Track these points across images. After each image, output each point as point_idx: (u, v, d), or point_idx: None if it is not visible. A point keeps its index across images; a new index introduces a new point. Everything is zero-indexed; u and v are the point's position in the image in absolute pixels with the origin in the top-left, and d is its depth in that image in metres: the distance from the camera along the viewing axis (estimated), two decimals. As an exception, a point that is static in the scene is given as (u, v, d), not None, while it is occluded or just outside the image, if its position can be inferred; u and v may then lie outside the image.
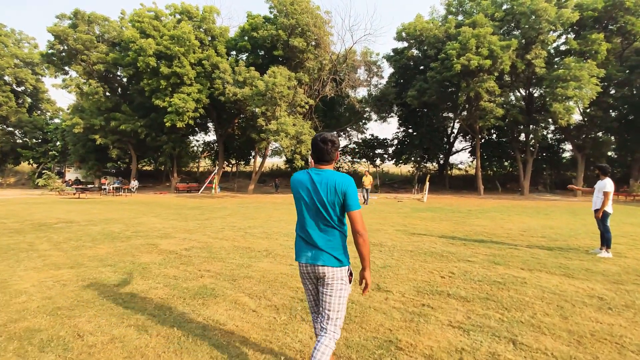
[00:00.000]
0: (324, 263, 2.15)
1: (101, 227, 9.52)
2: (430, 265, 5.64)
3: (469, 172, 37.39)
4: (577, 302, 4.01)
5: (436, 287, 4.52)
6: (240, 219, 11.52)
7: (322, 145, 2.23)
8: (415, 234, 8.62)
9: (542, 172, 31.68)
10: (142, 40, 19.74)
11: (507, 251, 6.70)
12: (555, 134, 30.95)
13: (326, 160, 2.26)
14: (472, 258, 6.13)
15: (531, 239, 8.04)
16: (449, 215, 12.78)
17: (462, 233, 8.87)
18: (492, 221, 11.20)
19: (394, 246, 7.13)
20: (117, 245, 7.16)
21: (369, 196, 16.93)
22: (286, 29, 21.27)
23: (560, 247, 7.19)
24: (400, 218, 12.00)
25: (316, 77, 23.72)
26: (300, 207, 2.27)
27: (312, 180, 2.20)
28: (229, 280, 4.78)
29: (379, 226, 10.01)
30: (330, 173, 2.20)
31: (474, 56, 20.02)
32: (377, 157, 36.67)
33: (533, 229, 9.65)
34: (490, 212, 14.02)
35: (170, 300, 4.01)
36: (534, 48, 21.18)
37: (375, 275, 5.04)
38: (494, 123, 23.43)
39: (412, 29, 24.99)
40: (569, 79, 19.36)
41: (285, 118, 19.04)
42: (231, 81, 20.47)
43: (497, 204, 18.37)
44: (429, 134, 31.40)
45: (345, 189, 2.14)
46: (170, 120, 20.75)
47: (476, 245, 7.25)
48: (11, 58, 30.31)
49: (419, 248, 6.97)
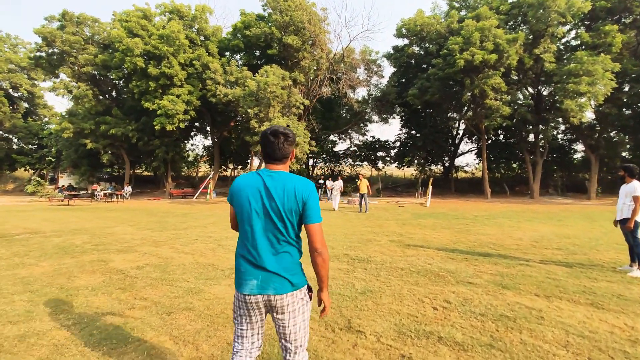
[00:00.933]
0: (276, 291, 1.80)
1: (63, 239, 8.61)
2: (422, 289, 4.58)
3: (475, 175, 36.07)
4: (617, 352, 2.91)
5: (425, 324, 3.46)
6: (221, 228, 10.55)
7: (272, 139, 1.88)
8: (411, 246, 7.55)
9: (553, 174, 30.23)
10: (128, 40, 18.92)
11: (517, 269, 5.60)
12: (566, 134, 29.54)
13: (277, 158, 1.90)
14: (474, 279, 5.04)
15: (545, 252, 6.92)
16: (452, 223, 11.66)
17: (465, 244, 7.77)
18: (499, 229, 10.06)
19: (383, 262, 6.08)
20: (63, 262, 6.22)
21: (367, 203, 15.61)
22: (280, 26, 20.37)
23: (580, 262, 6.06)
24: (398, 226, 10.91)
25: (313, 76, 22.73)
26: (247, 218, 1.84)
27: (265, 184, 1.82)
28: (162, 314, 3.77)
29: (372, 236, 8.94)
30: (287, 176, 1.87)
31: (478, 50, 18.84)
32: (378, 160, 35.51)
33: (546, 238, 8.50)
34: (498, 218, 12.85)
35: (64, 350, 3.01)
36: (542, 42, 19.94)
37: (350, 305, 4.00)
38: (501, 122, 22.18)
39: (413, 25, 23.86)
40: (582, 73, 18.09)
41: (279, 119, 18.08)
42: (222, 81, 19.58)
43: (505, 209, 17.15)
44: (432, 136, 30.20)
45: (306, 195, 1.83)
46: (159, 123, 19.89)
47: (480, 261, 6.16)
48: (5, 63, 29.88)
49: (412, 265, 5.90)
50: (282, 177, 1.84)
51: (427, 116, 30.98)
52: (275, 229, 1.80)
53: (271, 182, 1.82)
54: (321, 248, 1.81)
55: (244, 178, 1.92)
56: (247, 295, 1.82)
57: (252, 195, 1.83)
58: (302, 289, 1.89)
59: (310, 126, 23.88)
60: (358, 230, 10.05)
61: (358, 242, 8.02)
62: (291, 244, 1.85)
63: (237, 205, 1.88)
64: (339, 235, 9.01)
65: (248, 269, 1.83)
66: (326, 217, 13.63)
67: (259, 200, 1.82)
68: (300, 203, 1.80)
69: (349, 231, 9.82)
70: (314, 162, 38.84)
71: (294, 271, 1.84)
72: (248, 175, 1.92)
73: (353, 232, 9.57)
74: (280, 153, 1.88)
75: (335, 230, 10.03)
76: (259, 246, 1.80)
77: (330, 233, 9.42)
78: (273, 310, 1.85)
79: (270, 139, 1.88)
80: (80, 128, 22.62)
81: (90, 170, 28.38)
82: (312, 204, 1.83)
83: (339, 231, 9.80)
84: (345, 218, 13.28)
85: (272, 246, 1.81)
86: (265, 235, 1.81)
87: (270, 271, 1.79)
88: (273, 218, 1.80)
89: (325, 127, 28.27)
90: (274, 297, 1.80)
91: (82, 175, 28.48)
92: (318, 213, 1.85)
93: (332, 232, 9.55)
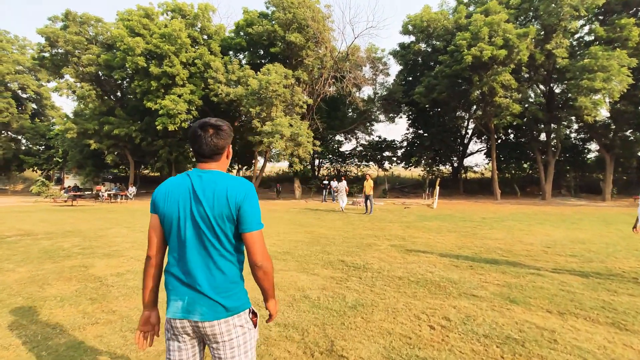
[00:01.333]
0: (204, 317, 1.49)
1: (52, 242, 8.34)
2: (419, 303, 4.12)
3: (484, 175, 35.23)
4: (647, 390, 2.43)
5: (418, 348, 3.01)
6: (217, 231, 10.18)
7: (199, 132, 1.60)
8: (413, 252, 7.07)
9: (565, 175, 29.26)
10: (129, 39, 18.74)
11: (527, 279, 5.10)
12: (579, 133, 28.56)
13: (206, 155, 1.60)
14: (479, 290, 4.57)
15: (558, 259, 6.39)
16: (459, 225, 11.12)
17: (471, 249, 7.26)
18: (508, 233, 9.50)
19: (381, 270, 5.63)
20: (42, 268, 5.91)
21: (372, 204, 15.10)
22: (283, 24, 19.99)
23: (597, 272, 5.53)
24: (401, 229, 10.43)
25: (317, 75, 22.28)
26: (175, 227, 1.56)
27: (192, 187, 1.55)
28: (125, 332, 3.39)
29: (372, 240, 8.49)
30: (219, 176, 1.57)
31: (487, 46, 18.15)
32: (385, 160, 34.91)
33: (559, 243, 7.94)
34: (507, 221, 12.26)
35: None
36: (554, 37, 19.14)
37: (336, 322, 3.56)
38: (511, 121, 21.44)
39: (419, 21, 23.23)
40: (596, 69, 17.28)
41: (281, 119, 17.68)
42: (224, 80, 19.26)
43: (515, 210, 16.50)
44: (440, 135, 29.52)
45: (241, 198, 1.53)
46: (161, 123, 19.68)
47: (486, 269, 5.66)
48: (13, 64, 30.13)
49: (412, 273, 5.44)
50: (213, 177, 1.56)
51: (434, 115, 30.32)
52: (207, 240, 1.52)
53: (199, 183, 1.54)
54: (261, 261, 1.53)
55: (171, 181, 1.63)
56: (171, 319, 1.55)
57: (182, 199, 1.55)
58: (241, 314, 1.56)
59: (315, 125, 23.44)
60: (358, 233, 9.61)
61: (356, 247, 7.58)
62: (226, 258, 1.54)
63: (163, 213, 1.58)
64: (337, 239, 8.58)
65: (175, 286, 1.55)
66: (327, 218, 13.21)
67: (187, 206, 1.54)
68: (234, 208, 1.51)
69: (348, 234, 9.38)
70: (319, 162, 38.43)
71: (229, 292, 1.53)
72: (176, 178, 1.64)
73: (353, 236, 9.13)
74: (208, 148, 1.59)
75: (334, 233, 9.61)
76: (188, 260, 1.53)
77: (328, 236, 9.00)
78: (205, 338, 1.56)
79: (198, 132, 1.59)
80: (84, 128, 22.58)
81: (95, 171, 28.42)
82: (249, 208, 1.54)
83: (338, 234, 9.37)
84: (347, 220, 12.83)
85: (203, 261, 1.52)
86: (195, 247, 1.53)
87: (200, 291, 1.50)
88: (201, 226, 1.51)
89: (330, 126, 27.79)
90: (202, 323, 1.50)
91: (87, 175, 28.54)
92: (257, 219, 1.56)
93: (330, 235, 9.13)
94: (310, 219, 13.12)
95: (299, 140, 18.10)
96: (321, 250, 7.20)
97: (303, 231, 9.97)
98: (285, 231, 9.96)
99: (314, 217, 13.78)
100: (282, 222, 12.31)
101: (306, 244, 7.98)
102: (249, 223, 1.52)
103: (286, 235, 9.28)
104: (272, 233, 9.60)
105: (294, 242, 8.22)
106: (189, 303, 1.50)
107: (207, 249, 1.51)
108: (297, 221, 12.48)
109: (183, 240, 1.53)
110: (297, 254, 6.89)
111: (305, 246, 7.68)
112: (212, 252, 1.52)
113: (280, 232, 9.71)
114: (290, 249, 7.32)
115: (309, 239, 8.68)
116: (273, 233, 9.59)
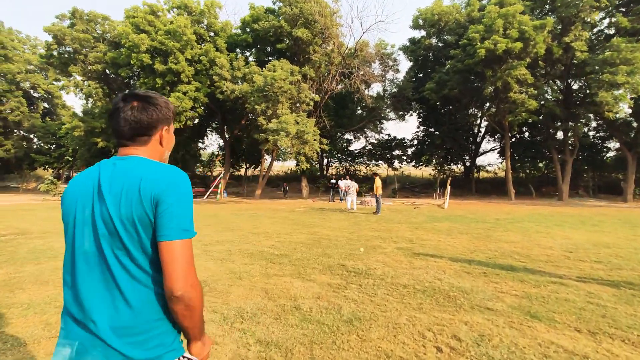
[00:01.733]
0: None
1: (44, 242, 8.06)
2: (425, 317, 3.59)
3: (498, 175, 34.21)
4: None
5: (422, 378, 2.49)
6: (217, 231, 9.81)
7: (120, 104, 1.15)
8: (420, 255, 6.53)
9: (583, 174, 28.11)
10: (134, 36, 18.56)
11: (549, 289, 4.52)
12: (598, 131, 27.39)
13: (126, 136, 1.15)
14: (494, 302, 4.01)
15: (582, 266, 5.76)
16: (471, 227, 10.49)
17: (485, 254, 6.68)
18: (525, 235, 8.85)
19: (384, 277, 5.11)
20: (22, 270, 5.58)
21: (380, 204, 14.58)
22: (289, 19, 19.55)
23: (629, 281, 4.90)
24: (410, 230, 9.86)
25: (324, 72, 21.77)
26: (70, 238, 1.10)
27: (99, 180, 1.08)
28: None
29: (378, 242, 7.96)
30: (137, 164, 1.10)
31: (501, 39, 17.32)
32: (394, 159, 34.20)
33: (582, 248, 7.28)
34: (523, 222, 11.56)
35: None
36: (573, 29, 18.22)
37: (327, 341, 3.07)
38: (526, 118, 20.53)
39: (430, 15, 22.48)
40: (619, 62, 16.33)
41: (287, 116, 17.24)
42: (229, 77, 18.92)
43: (531, 211, 15.72)
44: (452, 133, 28.70)
45: (159, 191, 1.04)
46: (166, 121, 19.32)
47: (502, 276, 5.09)
48: (24, 63, 30.49)
49: (418, 281, 4.90)
50: (129, 165, 1.11)
51: (446, 113, 29.52)
52: (111, 255, 1.05)
53: (108, 174, 1.09)
54: (182, 289, 1.02)
55: (81, 174, 1.19)
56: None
57: (81, 197, 1.11)
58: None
59: (322, 123, 22.94)
60: (364, 234, 9.08)
61: (360, 249, 7.06)
62: (140, 283, 1.06)
63: (63, 219, 1.15)
64: (340, 241, 8.08)
65: (67, 323, 1.07)
66: (332, 218, 12.70)
67: (88, 207, 1.09)
68: (149, 205, 1.04)
69: (353, 235, 8.87)
70: (328, 161, 37.93)
71: (140, 336, 1.04)
72: (87, 170, 1.19)
73: (357, 237, 8.61)
74: (128, 126, 1.14)
75: (338, 234, 9.11)
76: (81, 285, 1.06)
77: (332, 237, 8.51)
78: None
79: (117, 105, 1.17)
80: (92, 127, 22.57)
81: (103, 169, 28.45)
82: (171, 205, 1.05)
83: (342, 235, 8.87)
84: (353, 220, 12.31)
85: (105, 286, 1.05)
86: (94, 265, 1.06)
87: (94, 333, 1.02)
88: (103, 235, 1.06)
89: (339, 124, 27.24)
90: None
91: (96, 174, 28.62)
92: (182, 223, 1.06)
93: (334, 237, 8.64)
94: (315, 219, 12.64)
95: (305, 138, 17.62)
96: (322, 253, 6.71)
97: (306, 232, 9.50)
98: (286, 232, 9.51)
99: (319, 217, 13.30)
100: (285, 222, 11.87)
101: (307, 245, 7.51)
102: (167, 228, 1.04)
103: (287, 236, 8.83)
104: (272, 234, 9.16)
105: (294, 243, 7.75)
106: (79, 352, 1.02)
107: (111, 268, 1.04)
108: (301, 221, 12.02)
109: (77, 256, 1.08)
110: (295, 257, 6.42)
111: (305, 248, 7.21)
112: (118, 273, 1.04)
113: (282, 233, 9.26)
114: (288, 252, 6.85)
115: (310, 240, 8.20)
116: (273, 234, 9.15)
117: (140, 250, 1.05)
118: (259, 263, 5.95)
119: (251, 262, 6.05)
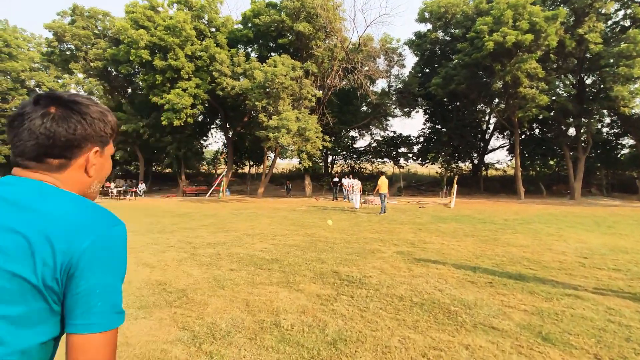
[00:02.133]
0: None
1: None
2: (420, 339, 3.15)
3: (507, 173, 33.37)
4: None
5: None
6: (212, 231, 9.46)
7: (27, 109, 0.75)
8: (421, 261, 6.06)
9: (596, 172, 27.20)
10: (133, 32, 18.28)
11: (562, 302, 4.03)
12: (612, 127, 26.43)
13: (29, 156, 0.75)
14: (500, 320, 3.54)
15: (599, 275, 5.25)
16: (477, 228, 9.97)
17: (491, 259, 6.19)
18: (535, 238, 8.31)
19: (379, 286, 4.67)
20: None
21: (385, 203, 14.14)
22: (291, 13, 19.08)
23: (654, 293, 4.38)
24: (412, 232, 9.38)
25: (327, 67, 21.27)
26: None
27: None
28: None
29: (377, 245, 7.50)
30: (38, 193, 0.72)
31: (511, 31, 16.58)
32: (400, 157, 33.55)
33: (598, 253, 6.74)
34: (533, 223, 10.99)
35: None
36: (587, 20, 17.41)
37: (303, 369, 2.64)
38: (537, 114, 19.76)
39: (436, 7, 21.78)
40: (635, 55, 15.56)
41: (288, 113, 16.81)
42: (229, 73, 18.54)
43: (541, 211, 15.09)
44: (459, 130, 27.97)
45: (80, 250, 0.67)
46: (167, 118, 19.19)
47: (510, 287, 4.61)
48: (28, 62, 30.53)
49: (416, 291, 4.45)
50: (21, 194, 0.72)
51: (453, 109, 28.82)
52: None
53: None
54: None
55: None
56: None
57: None
58: None
59: (325, 120, 22.47)
60: (363, 236, 8.63)
61: (357, 254, 6.62)
62: None
63: None
64: (338, 243, 7.65)
65: None
66: (333, 218, 12.24)
67: None
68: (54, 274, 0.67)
69: (352, 237, 8.43)
70: (332, 159, 37.45)
71: None
72: None
73: (356, 239, 8.17)
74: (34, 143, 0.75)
75: (336, 236, 8.67)
76: None
77: (329, 239, 8.08)
78: None
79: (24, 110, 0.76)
80: (93, 124, 22.31)
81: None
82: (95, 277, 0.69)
83: (341, 237, 8.43)
84: (355, 221, 11.86)
85: None
86: None
87: None
88: None
89: (342, 121, 26.72)
90: None
91: (98, 172, 28.57)
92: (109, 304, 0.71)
93: (331, 239, 8.21)
94: (315, 219, 12.22)
95: (306, 136, 17.17)
96: (315, 258, 6.29)
97: (303, 233, 9.09)
98: (282, 233, 9.10)
99: (319, 217, 12.87)
100: (283, 222, 11.47)
101: (301, 249, 7.09)
102: (91, 313, 0.69)
103: (282, 238, 8.43)
104: (267, 235, 8.76)
105: (287, 247, 7.34)
106: None
107: None
108: (300, 221, 11.61)
109: None
110: (286, 262, 6.01)
111: (299, 252, 6.79)
112: None
113: (277, 235, 8.86)
114: (280, 256, 6.44)
115: (306, 242, 7.79)
116: (269, 235, 8.76)
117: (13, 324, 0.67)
118: (246, 269, 5.55)
119: (239, 267, 5.66)
